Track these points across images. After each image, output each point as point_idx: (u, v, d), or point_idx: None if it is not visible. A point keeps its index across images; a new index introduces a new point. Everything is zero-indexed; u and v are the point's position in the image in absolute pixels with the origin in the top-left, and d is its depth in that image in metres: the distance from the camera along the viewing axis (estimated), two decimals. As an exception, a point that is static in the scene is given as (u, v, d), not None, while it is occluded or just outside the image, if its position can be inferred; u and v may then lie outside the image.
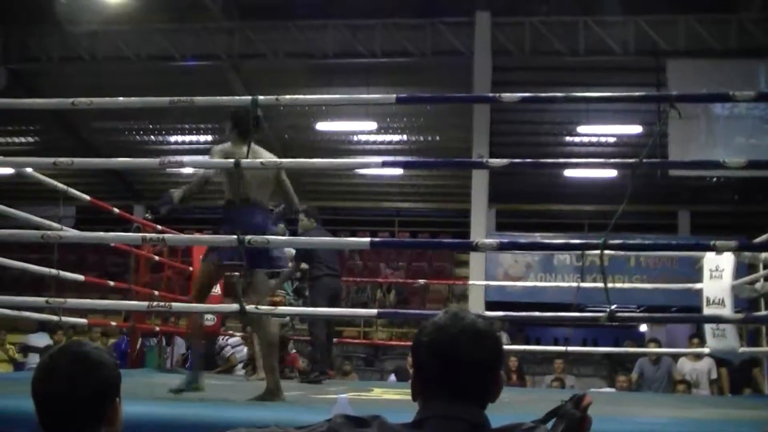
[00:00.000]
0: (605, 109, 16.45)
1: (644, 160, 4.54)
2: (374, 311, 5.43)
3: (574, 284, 9.35)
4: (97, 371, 2.03)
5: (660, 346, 11.34)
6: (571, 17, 15.87)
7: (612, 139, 17.89)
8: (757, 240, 7.24)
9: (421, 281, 13.31)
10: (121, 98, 5.37)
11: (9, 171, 10.02)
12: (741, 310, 7.93)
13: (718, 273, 7.69)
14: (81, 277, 7.72)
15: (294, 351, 8.74)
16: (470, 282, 13.24)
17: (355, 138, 18.99)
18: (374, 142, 18.77)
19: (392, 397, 5.64)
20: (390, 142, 18.73)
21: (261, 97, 4.89)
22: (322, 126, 18.27)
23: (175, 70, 16.75)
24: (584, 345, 17.82)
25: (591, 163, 14.71)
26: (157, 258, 9.26)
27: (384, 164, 6.08)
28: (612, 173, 16.27)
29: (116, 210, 8.21)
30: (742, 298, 8.02)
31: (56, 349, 2.13)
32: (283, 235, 6.99)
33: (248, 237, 4.87)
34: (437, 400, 1.98)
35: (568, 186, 18.42)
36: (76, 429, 1.99)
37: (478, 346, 1.99)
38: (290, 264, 8.45)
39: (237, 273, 5.58)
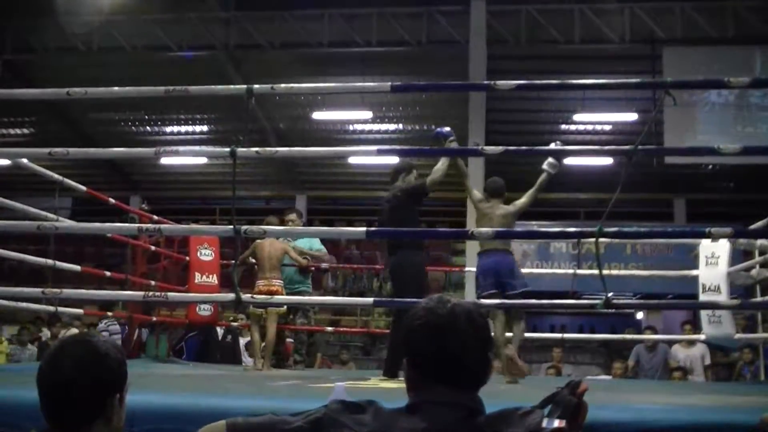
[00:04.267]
0: (601, 97, 16.44)
1: (639, 147, 4.56)
2: (370, 300, 5.44)
3: (570, 272, 9.39)
4: (102, 362, 2.04)
5: (656, 334, 11.37)
6: (566, 5, 15.82)
7: (608, 127, 17.88)
8: (753, 227, 7.27)
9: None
10: (116, 88, 5.37)
11: (5, 162, 10.01)
12: (737, 297, 7.96)
13: (713, 260, 7.72)
14: (77, 268, 7.73)
15: (289, 340, 8.69)
16: (467, 269, 13.22)
17: (351, 127, 18.99)
18: (370, 131, 18.77)
19: (389, 385, 5.65)
20: (386, 131, 18.72)
21: (256, 86, 4.90)
22: (317, 115, 18.26)
23: (171, 61, 16.70)
24: (581, 333, 17.84)
25: (586, 150, 14.75)
26: (153, 248, 9.26)
27: (379, 152, 6.10)
28: (608, 161, 16.30)
29: (112, 200, 8.21)
30: (738, 285, 8.05)
31: (65, 339, 2.16)
32: None
33: (244, 227, 4.88)
34: (433, 385, 1.99)
35: (564, 174, 18.21)
36: (76, 419, 2.00)
37: (472, 325, 2.02)
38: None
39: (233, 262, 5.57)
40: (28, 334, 11.97)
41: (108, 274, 8.81)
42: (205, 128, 19.64)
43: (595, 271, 4.68)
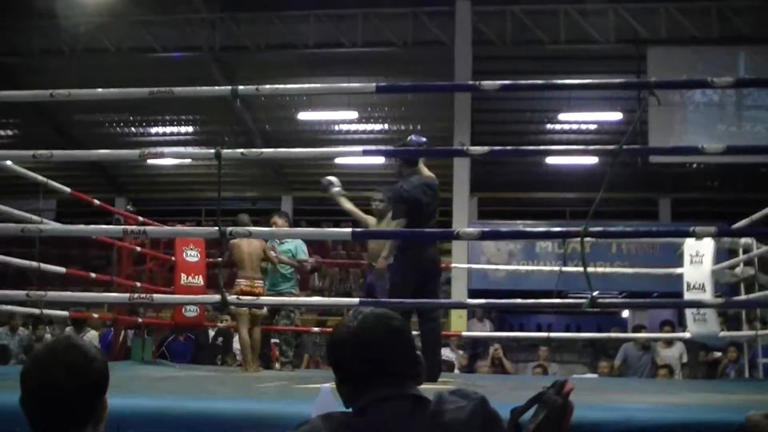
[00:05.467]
0: (586, 96, 16.48)
1: (624, 147, 4.57)
2: (356, 300, 5.44)
3: (556, 268, 9.40)
4: (93, 365, 2.03)
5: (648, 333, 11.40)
6: (552, 6, 15.87)
7: (593, 127, 17.93)
8: (737, 225, 7.30)
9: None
10: (100, 90, 5.35)
11: (-12, 164, 9.95)
12: (721, 295, 7.99)
13: (698, 258, 7.76)
14: (62, 270, 7.69)
15: (274, 341, 8.68)
16: (453, 264, 13.27)
17: (337, 128, 18.96)
18: (355, 132, 18.76)
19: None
20: (371, 132, 18.71)
21: (241, 87, 4.89)
22: (303, 116, 18.25)
23: (157, 63, 16.64)
24: (567, 332, 17.87)
25: (571, 150, 14.76)
26: (139, 249, 9.22)
27: (365, 153, 6.09)
28: (593, 160, 16.35)
29: (96, 202, 8.17)
30: (723, 283, 8.08)
31: (52, 342, 2.14)
32: None
33: (230, 229, 4.88)
34: (372, 389, 2.02)
35: (549, 174, 18.46)
36: (65, 423, 1.98)
37: (387, 328, 2.08)
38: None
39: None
40: (20, 319, 11.72)
41: (93, 275, 8.78)
42: (190, 129, 19.58)
43: (581, 269, 4.70)
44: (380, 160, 17.93)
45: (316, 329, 10.82)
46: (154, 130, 19.71)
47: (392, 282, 6.06)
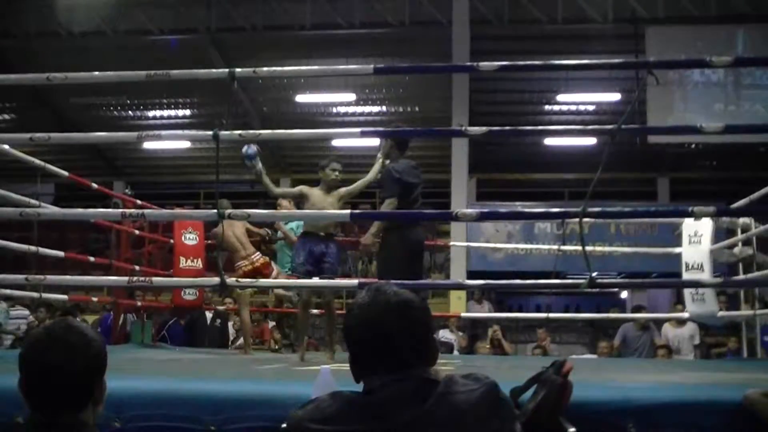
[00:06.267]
0: (584, 77, 16.43)
1: (622, 127, 4.57)
2: (355, 282, 5.45)
3: (555, 247, 9.41)
4: (93, 346, 2.03)
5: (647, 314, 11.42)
6: (549, -15, 15.81)
7: (591, 107, 17.89)
8: (735, 205, 7.31)
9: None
10: (96, 73, 5.34)
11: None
12: (720, 275, 8.00)
13: (696, 238, 7.76)
14: (61, 254, 7.70)
15: (272, 324, 8.70)
16: (452, 243, 13.25)
17: (334, 110, 18.92)
18: (353, 114, 18.72)
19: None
20: (369, 113, 18.66)
21: (238, 70, 4.87)
22: (301, 98, 18.21)
23: (153, 45, 16.58)
24: (567, 312, 17.92)
25: (569, 130, 14.77)
26: (137, 233, 9.22)
27: (362, 133, 6.11)
28: (592, 141, 16.33)
29: (94, 185, 8.16)
30: (721, 262, 8.09)
31: (51, 324, 2.14)
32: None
33: (228, 211, 4.88)
34: (379, 370, 2.02)
35: (548, 154, 18.44)
36: (66, 405, 1.99)
37: (404, 315, 2.05)
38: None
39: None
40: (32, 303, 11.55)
41: (92, 259, 8.78)
42: (188, 112, 19.53)
43: (579, 248, 4.71)
44: (378, 141, 17.88)
45: (315, 311, 10.82)
46: (151, 113, 19.64)
47: (381, 261, 6.14)
